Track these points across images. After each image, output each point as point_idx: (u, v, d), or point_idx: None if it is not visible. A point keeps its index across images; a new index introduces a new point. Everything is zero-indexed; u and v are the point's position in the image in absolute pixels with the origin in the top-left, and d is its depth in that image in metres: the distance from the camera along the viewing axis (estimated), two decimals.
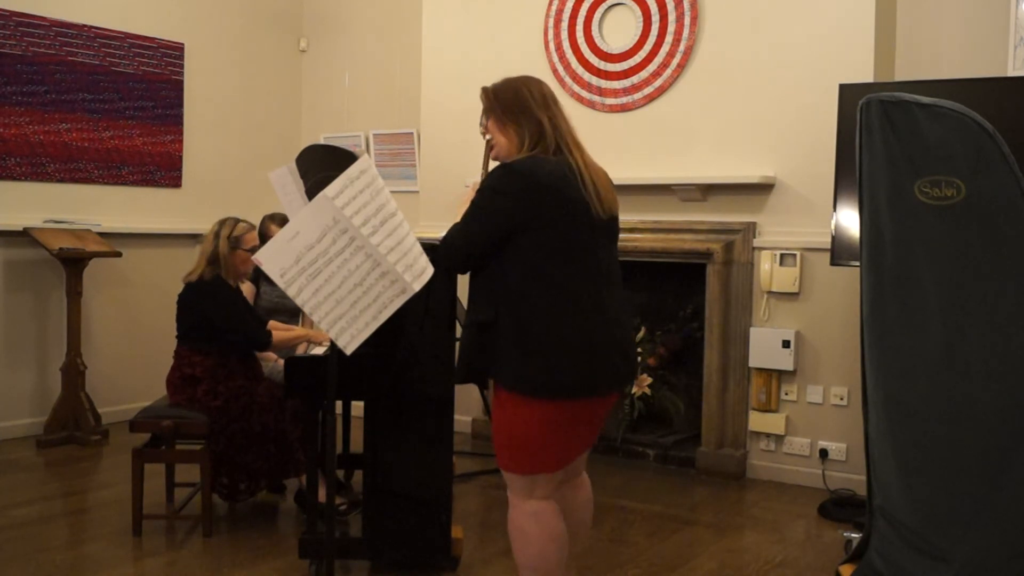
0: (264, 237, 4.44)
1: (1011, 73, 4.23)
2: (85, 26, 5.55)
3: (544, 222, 2.43)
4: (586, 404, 2.51)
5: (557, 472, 2.58)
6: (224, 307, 3.85)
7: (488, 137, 2.62)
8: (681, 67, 4.94)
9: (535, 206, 2.43)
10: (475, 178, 2.77)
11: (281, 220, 4.66)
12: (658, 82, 5.00)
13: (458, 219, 2.58)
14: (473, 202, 2.51)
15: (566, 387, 2.44)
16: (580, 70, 5.24)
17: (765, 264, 4.69)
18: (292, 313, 4.57)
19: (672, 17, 4.95)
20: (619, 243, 2.67)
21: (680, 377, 5.19)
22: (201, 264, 3.90)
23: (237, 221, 3.99)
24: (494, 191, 2.46)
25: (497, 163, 2.61)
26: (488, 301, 2.48)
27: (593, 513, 2.85)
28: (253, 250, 3.93)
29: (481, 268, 2.52)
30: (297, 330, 4.33)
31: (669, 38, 4.96)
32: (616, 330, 2.53)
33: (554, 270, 2.43)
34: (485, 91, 2.64)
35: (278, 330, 4.10)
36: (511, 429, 2.50)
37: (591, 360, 2.45)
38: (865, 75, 4.37)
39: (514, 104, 2.55)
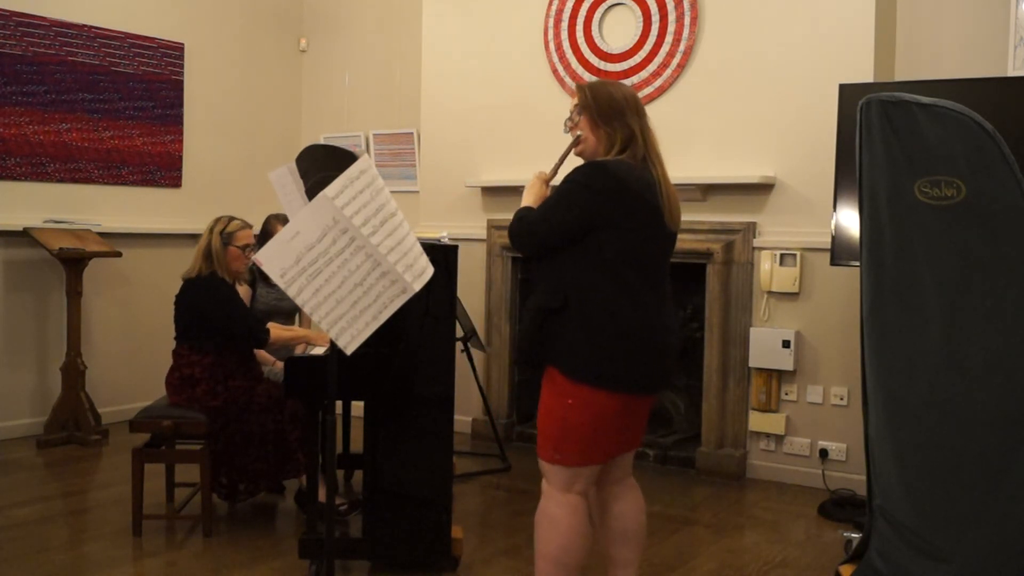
0: (269, 236, 4.44)
1: (1011, 73, 4.23)
2: (85, 26, 5.55)
3: (626, 224, 2.52)
4: (639, 400, 2.63)
5: (597, 468, 2.64)
6: (221, 302, 3.86)
7: (579, 133, 2.67)
8: (681, 67, 4.94)
9: (621, 207, 2.51)
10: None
11: (286, 219, 4.66)
12: (658, 82, 5.00)
13: (524, 204, 2.69)
14: (560, 192, 2.56)
15: (629, 380, 2.54)
16: (580, 70, 5.24)
17: (765, 264, 4.69)
18: (288, 315, 4.57)
19: (672, 17, 4.95)
20: None
21: (680, 377, 5.19)
22: (197, 260, 3.92)
23: (231, 219, 4.01)
24: (584, 186, 2.51)
25: (582, 160, 2.68)
26: (557, 289, 2.54)
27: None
28: (246, 248, 3.96)
29: (549, 255, 2.58)
30: (296, 329, 4.33)
31: (669, 38, 4.96)
32: (670, 336, 2.65)
33: (626, 270, 2.53)
34: (582, 89, 2.69)
35: (277, 338, 4.11)
36: (567, 418, 2.55)
37: (650, 358, 2.57)
38: (865, 75, 4.38)
39: (611, 108, 2.62)
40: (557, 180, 2.69)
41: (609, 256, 2.51)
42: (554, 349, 2.55)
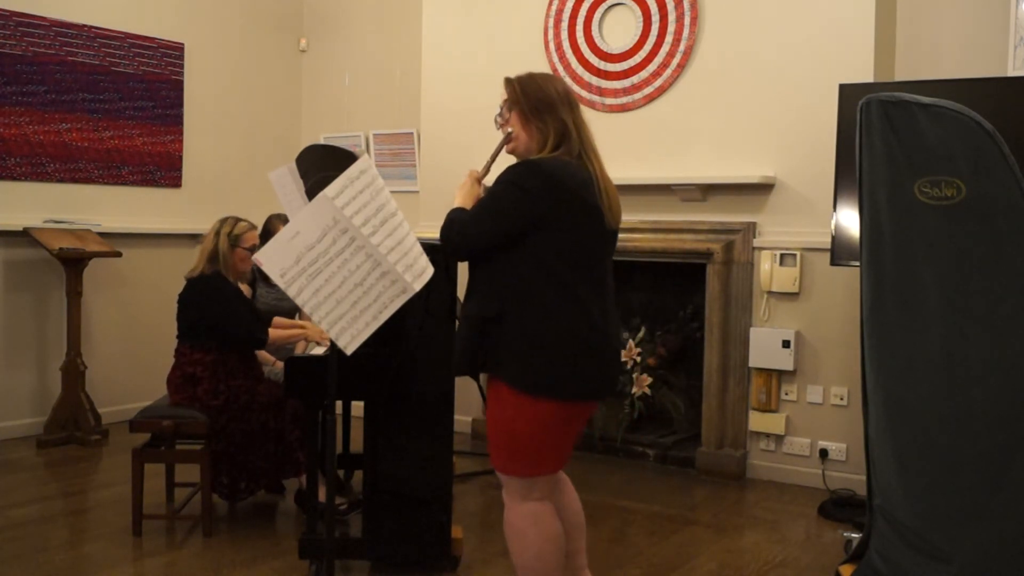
0: (269, 235, 4.44)
1: (1011, 73, 4.23)
2: (85, 26, 5.55)
3: (562, 224, 2.43)
4: (584, 407, 2.55)
5: (554, 474, 2.59)
6: (223, 302, 3.87)
7: (509, 130, 2.58)
8: (681, 67, 4.94)
9: (556, 207, 2.42)
10: (477, 167, 2.77)
11: (287, 219, 4.65)
12: (658, 82, 5.00)
13: (456, 204, 2.59)
14: (492, 193, 2.48)
15: (573, 388, 2.46)
16: (580, 70, 5.24)
17: (765, 264, 4.69)
18: (288, 315, 4.56)
19: (672, 17, 4.95)
20: (619, 242, 2.70)
21: (680, 377, 5.19)
22: (201, 261, 3.93)
23: (238, 220, 4.02)
24: (517, 186, 2.42)
25: (515, 157, 2.61)
26: (494, 295, 2.46)
27: (589, 512, 2.84)
28: (252, 249, 3.96)
29: (484, 259, 2.50)
30: (292, 328, 4.33)
31: (669, 38, 4.96)
32: (614, 340, 2.58)
33: (565, 272, 2.43)
34: (511, 83, 2.60)
35: (278, 327, 4.11)
36: (513, 429, 2.48)
37: (595, 364, 2.48)
38: (865, 75, 4.37)
39: (541, 102, 2.52)
40: (490, 179, 2.59)
41: (547, 259, 2.42)
42: (495, 359, 2.45)
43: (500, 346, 2.44)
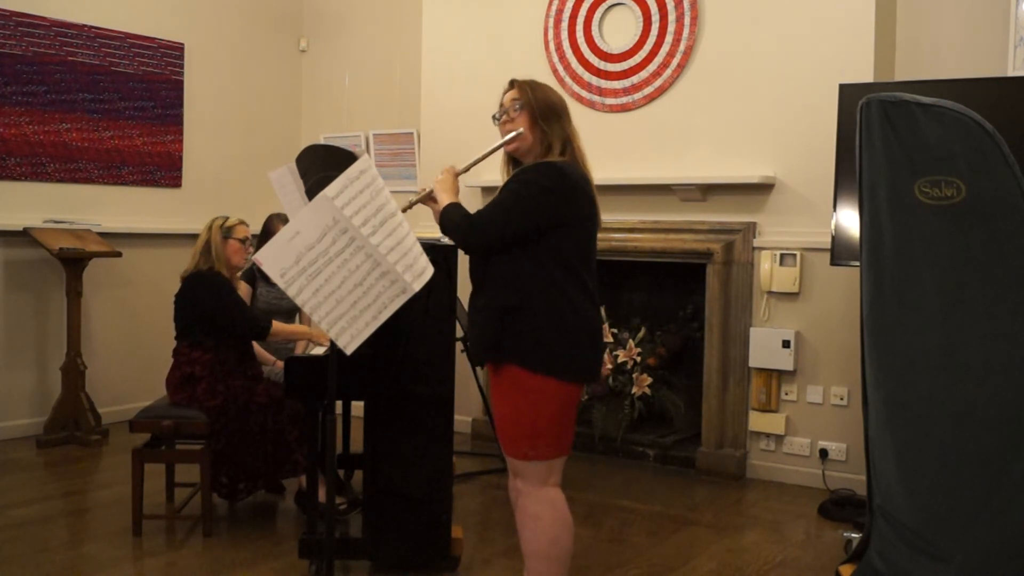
0: (269, 235, 4.44)
1: (1011, 73, 4.23)
2: (85, 26, 5.55)
3: (578, 222, 2.61)
4: (582, 389, 2.74)
5: (566, 456, 2.70)
6: (221, 297, 3.87)
7: (520, 129, 2.67)
8: (681, 67, 4.94)
9: (576, 206, 2.59)
10: (451, 165, 2.87)
11: (287, 218, 4.65)
12: (658, 82, 5.00)
13: (444, 200, 2.73)
14: (517, 192, 2.59)
15: (587, 369, 2.63)
16: (580, 70, 5.24)
17: (765, 264, 4.69)
18: (289, 314, 4.57)
19: (672, 17, 4.95)
20: (619, 242, 2.79)
21: (680, 377, 5.19)
22: (195, 257, 3.94)
23: (228, 216, 4.06)
24: (542, 187, 2.56)
25: (515, 156, 2.73)
26: (514, 287, 2.57)
27: (589, 512, 2.88)
28: (245, 241, 3.98)
29: (504, 252, 2.59)
30: (297, 326, 4.33)
31: (669, 38, 4.96)
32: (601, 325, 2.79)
33: (578, 266, 2.61)
34: (522, 86, 2.71)
35: (277, 332, 4.10)
36: (537, 413, 2.57)
37: (599, 347, 2.69)
38: (865, 75, 4.38)
39: (550, 109, 2.68)
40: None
41: (564, 252, 2.58)
42: (516, 346, 2.56)
43: (523, 335, 2.55)
